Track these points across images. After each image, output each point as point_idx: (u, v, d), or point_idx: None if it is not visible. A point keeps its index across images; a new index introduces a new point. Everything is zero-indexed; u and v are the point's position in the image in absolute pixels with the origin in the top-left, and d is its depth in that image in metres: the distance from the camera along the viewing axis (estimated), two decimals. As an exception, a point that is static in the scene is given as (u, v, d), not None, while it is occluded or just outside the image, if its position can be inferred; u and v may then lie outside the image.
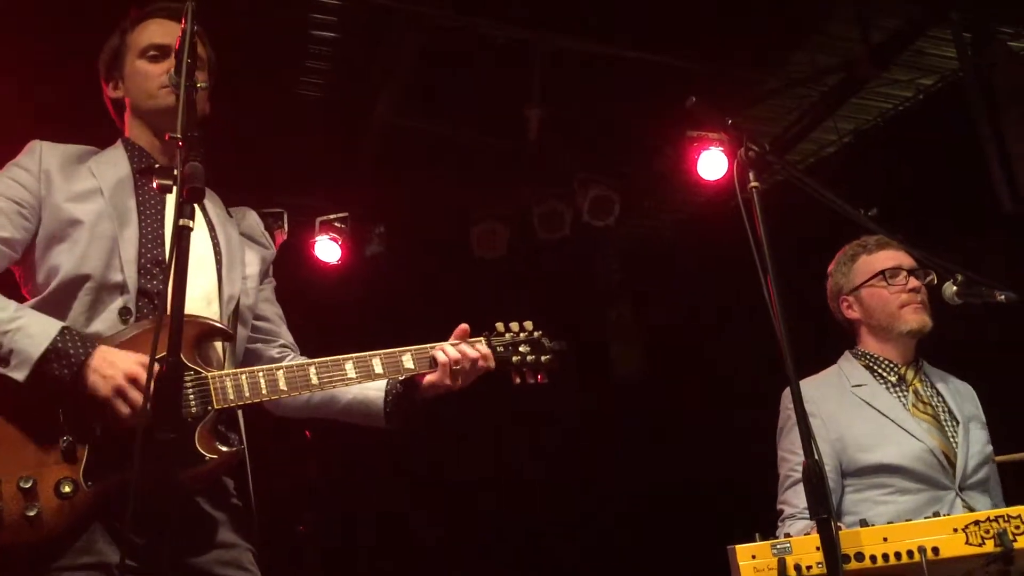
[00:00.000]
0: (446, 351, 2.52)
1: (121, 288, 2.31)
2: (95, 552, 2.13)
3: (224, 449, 2.26)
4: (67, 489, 2.11)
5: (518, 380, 2.66)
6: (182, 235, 1.77)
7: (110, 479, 2.14)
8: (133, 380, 2.14)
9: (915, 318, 3.17)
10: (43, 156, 2.43)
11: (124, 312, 2.30)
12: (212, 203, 2.64)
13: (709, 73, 5.55)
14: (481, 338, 2.63)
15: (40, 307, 2.30)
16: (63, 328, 2.19)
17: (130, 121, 2.59)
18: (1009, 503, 3.01)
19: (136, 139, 2.56)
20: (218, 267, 2.49)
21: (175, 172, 1.85)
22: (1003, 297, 2.84)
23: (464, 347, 2.54)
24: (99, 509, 2.15)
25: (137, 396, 2.13)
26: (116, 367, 2.15)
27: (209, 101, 2.66)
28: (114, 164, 2.49)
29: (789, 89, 5.93)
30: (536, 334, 2.69)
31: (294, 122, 5.70)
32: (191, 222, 1.80)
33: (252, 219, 2.76)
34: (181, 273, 1.78)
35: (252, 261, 2.63)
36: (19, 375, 2.14)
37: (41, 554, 2.11)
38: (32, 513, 2.08)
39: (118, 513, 2.12)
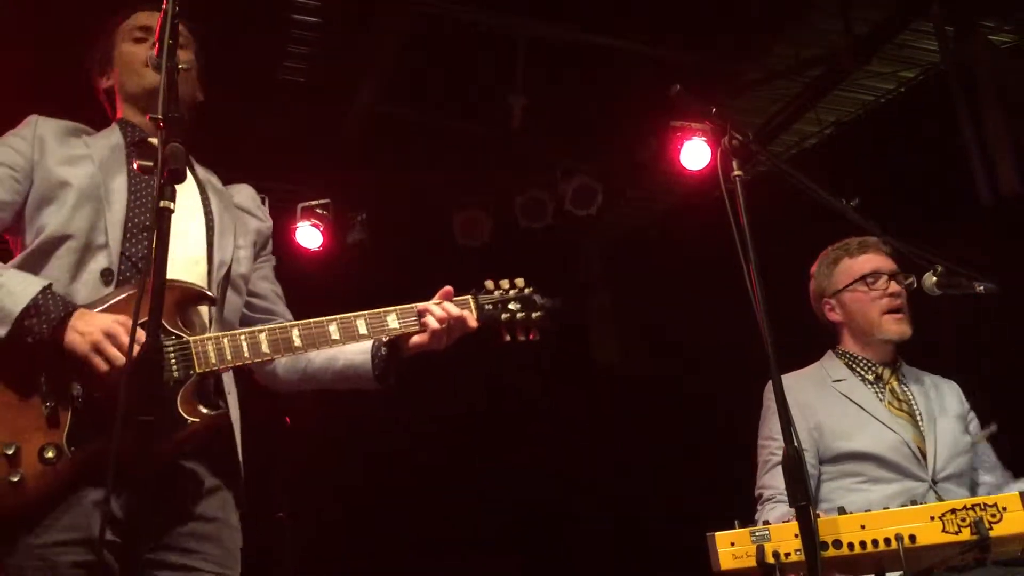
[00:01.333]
0: (432, 312, 2.51)
1: (104, 248, 2.32)
2: (82, 528, 2.13)
3: (206, 411, 2.25)
4: (50, 455, 2.11)
5: (508, 337, 2.63)
6: (162, 217, 1.76)
7: (93, 444, 2.14)
8: (111, 336, 2.13)
9: (895, 328, 3.24)
10: (38, 125, 2.47)
11: (106, 273, 2.30)
12: (206, 174, 2.66)
13: (692, 63, 5.56)
14: (468, 297, 2.61)
15: (22, 264, 2.32)
16: (45, 287, 2.20)
17: (121, 105, 2.62)
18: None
19: (129, 118, 2.59)
20: (209, 232, 2.49)
21: (156, 153, 1.83)
22: (982, 288, 2.87)
23: (448, 306, 2.53)
24: (83, 475, 2.14)
25: (115, 353, 2.12)
26: (94, 324, 2.16)
27: (203, 86, 2.70)
28: (107, 139, 2.53)
29: (771, 80, 5.94)
30: (527, 291, 2.67)
31: (275, 107, 5.66)
32: (172, 204, 1.80)
33: (247, 192, 2.78)
34: (162, 253, 1.76)
35: (246, 231, 2.63)
36: (0, 331, 2.14)
37: (27, 525, 2.11)
38: (15, 479, 2.08)
39: (100, 482, 2.11)
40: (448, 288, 2.59)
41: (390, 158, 6.23)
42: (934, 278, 2.97)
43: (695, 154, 5.82)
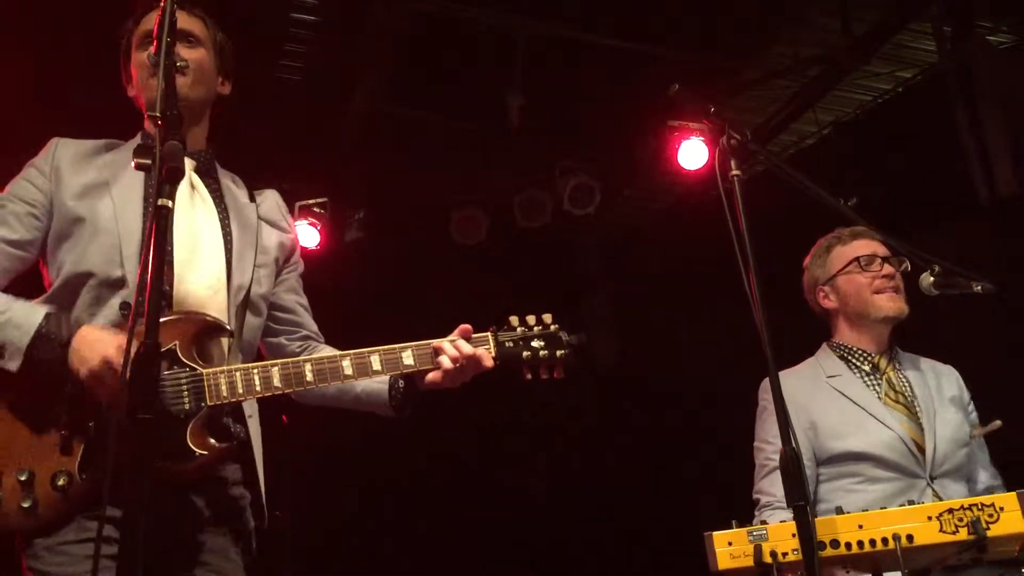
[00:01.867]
0: (446, 351, 2.46)
1: (121, 283, 2.34)
2: (85, 530, 2.19)
3: (216, 444, 2.27)
4: (62, 482, 2.17)
5: (529, 376, 2.57)
6: (160, 215, 1.75)
7: (104, 470, 2.17)
8: (108, 363, 2.15)
9: (890, 305, 3.21)
10: (56, 153, 2.47)
11: (124, 307, 2.33)
12: (235, 186, 2.64)
13: (691, 63, 5.56)
14: (487, 334, 2.55)
15: (49, 302, 2.36)
16: (47, 313, 2.25)
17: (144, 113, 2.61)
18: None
19: (149, 129, 2.57)
20: (228, 255, 2.48)
21: (154, 151, 1.83)
22: (979, 288, 2.86)
23: (462, 344, 2.47)
24: (93, 499, 2.19)
25: (113, 379, 2.14)
26: (94, 350, 2.18)
27: (227, 80, 2.68)
28: (127, 156, 2.49)
29: (770, 80, 5.94)
30: (552, 328, 2.59)
31: (273, 105, 5.65)
32: (170, 202, 1.79)
33: (272, 201, 2.73)
34: (159, 253, 1.77)
35: (270, 247, 2.61)
36: (12, 365, 2.20)
37: (42, 535, 2.20)
38: (27, 504, 2.16)
39: (115, 502, 2.11)
40: (466, 326, 2.52)
41: (388, 157, 6.22)
42: (931, 278, 2.97)
43: (693, 153, 5.82)
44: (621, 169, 6.53)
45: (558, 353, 2.56)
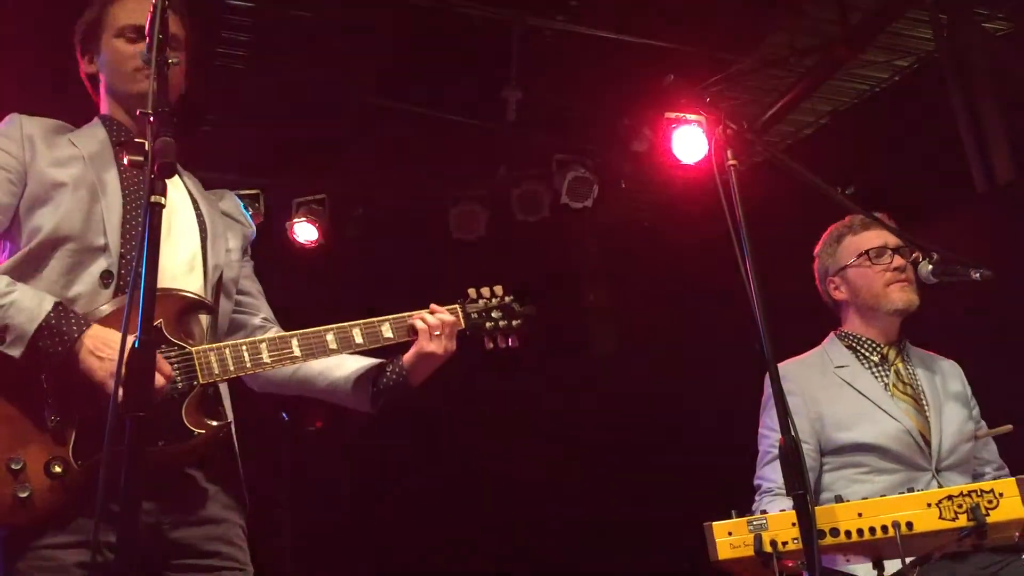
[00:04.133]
0: (424, 318, 2.59)
1: (104, 251, 2.29)
2: (83, 531, 2.12)
3: (212, 423, 2.26)
4: (58, 469, 2.10)
5: (491, 345, 2.72)
6: (153, 212, 1.75)
7: (99, 457, 2.11)
8: None
9: (901, 296, 3.19)
10: (24, 124, 2.41)
11: (106, 276, 2.28)
12: (191, 180, 2.64)
13: (687, 54, 5.55)
14: (456, 305, 2.70)
15: (17, 265, 2.28)
16: (56, 303, 2.18)
17: (106, 98, 2.57)
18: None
19: (113, 115, 2.55)
20: (202, 237, 2.49)
21: (146, 147, 1.82)
22: (978, 275, 2.86)
23: (438, 310, 2.62)
24: (91, 488, 2.11)
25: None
26: (113, 347, 2.13)
27: (186, 78, 2.63)
28: (93, 136, 2.48)
29: (766, 70, 5.93)
30: (507, 299, 2.75)
31: (271, 101, 5.65)
32: (163, 199, 1.78)
33: (231, 199, 2.77)
34: (153, 250, 1.75)
35: (233, 236, 2.63)
36: (15, 351, 2.13)
37: (37, 532, 2.11)
38: (24, 494, 2.07)
39: (112, 493, 2.11)
40: (433, 305, 2.67)
41: (386, 152, 6.22)
42: (930, 266, 2.97)
43: (690, 145, 5.81)
44: (619, 162, 6.53)
45: (514, 323, 2.73)
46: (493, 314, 2.71)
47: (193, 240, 2.47)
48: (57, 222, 2.28)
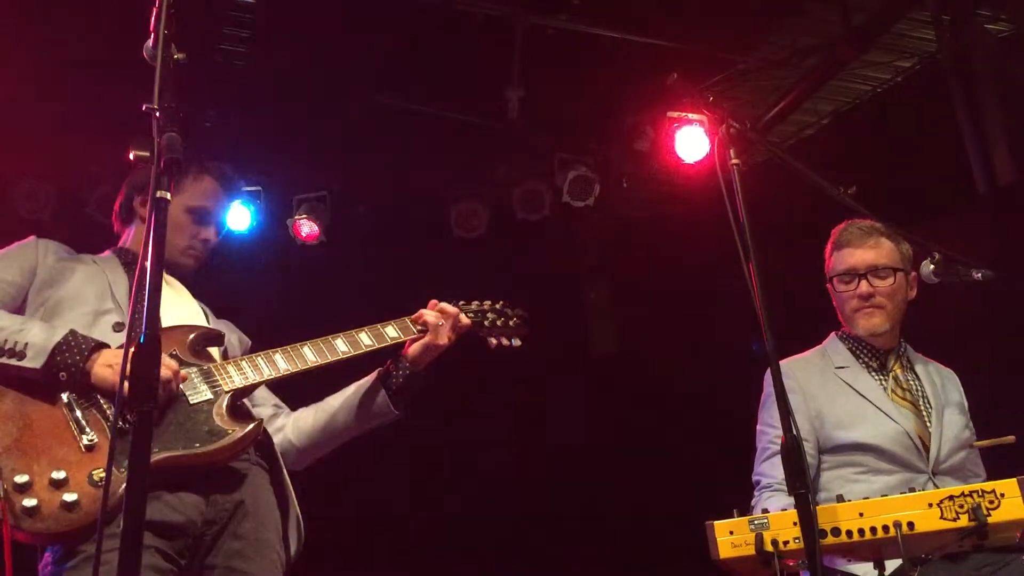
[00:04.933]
0: (425, 313, 2.78)
1: (115, 310, 2.50)
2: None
3: (246, 424, 2.37)
4: (101, 474, 2.18)
5: (494, 343, 2.86)
6: (159, 206, 1.76)
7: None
8: None
9: (865, 324, 3.23)
10: (39, 244, 2.62)
11: (117, 327, 2.44)
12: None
13: (689, 53, 5.54)
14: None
15: None
16: (71, 330, 2.33)
17: (134, 235, 2.76)
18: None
19: (129, 247, 2.76)
20: (205, 316, 2.72)
21: (152, 143, 1.83)
22: (980, 275, 2.87)
23: (442, 305, 2.79)
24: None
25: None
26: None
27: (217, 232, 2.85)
28: (106, 261, 2.69)
29: (768, 70, 5.93)
30: (498, 305, 2.93)
31: (271, 99, 5.64)
32: (168, 194, 1.80)
33: (236, 332, 2.89)
34: (159, 244, 1.77)
35: (234, 334, 2.81)
36: (36, 363, 2.24)
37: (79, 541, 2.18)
38: (72, 499, 2.13)
39: (164, 487, 2.25)
40: (433, 300, 2.83)
41: (387, 150, 6.22)
42: (931, 266, 2.97)
43: (692, 144, 5.81)
44: (620, 160, 6.52)
45: (511, 323, 2.91)
46: (488, 315, 2.87)
47: (197, 316, 2.68)
48: (67, 293, 2.48)
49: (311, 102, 5.81)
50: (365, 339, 2.62)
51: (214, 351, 2.56)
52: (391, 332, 2.68)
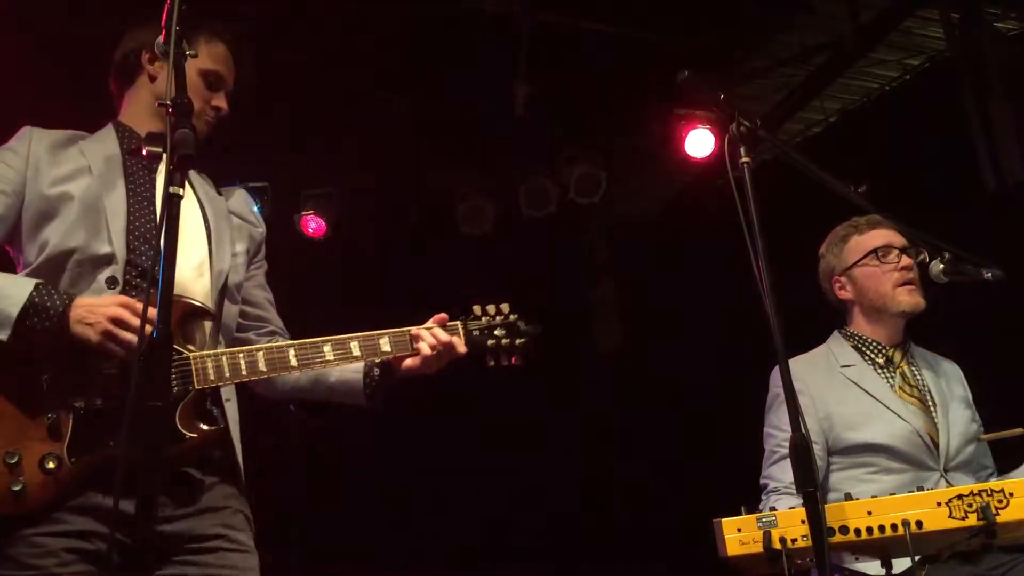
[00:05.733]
0: (424, 337, 2.56)
1: (109, 259, 2.33)
2: (70, 523, 2.16)
3: (204, 428, 2.28)
4: (51, 465, 2.13)
5: (492, 363, 2.70)
6: (172, 202, 1.76)
7: (94, 455, 2.16)
8: (119, 322, 2.15)
9: (907, 299, 3.19)
10: (33, 140, 2.45)
11: (111, 282, 2.31)
12: (200, 180, 2.66)
13: (696, 51, 5.54)
14: (458, 323, 2.66)
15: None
16: (37, 284, 2.21)
17: (131, 106, 2.60)
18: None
19: (128, 121, 2.58)
20: (208, 241, 2.50)
21: (165, 139, 1.83)
22: (989, 275, 2.86)
23: (438, 332, 2.58)
24: (82, 484, 2.16)
25: (127, 337, 2.14)
26: (98, 312, 2.17)
27: (229, 104, 2.69)
28: (103, 143, 2.51)
29: (776, 68, 5.92)
30: (512, 317, 2.72)
31: (275, 96, 5.64)
32: (181, 190, 1.80)
33: (241, 197, 2.77)
34: (171, 241, 1.76)
35: (240, 238, 2.64)
36: (2, 335, 2.15)
37: (28, 522, 2.14)
38: (17, 488, 2.10)
39: (102, 488, 2.16)
40: (442, 315, 2.64)
41: (393, 146, 6.22)
42: (941, 265, 2.96)
43: (700, 141, 5.81)
44: (627, 157, 6.52)
45: (517, 342, 2.70)
46: (496, 332, 2.68)
47: (201, 245, 2.49)
48: (63, 235, 2.32)
49: (317, 97, 5.82)
50: (355, 349, 2.50)
51: (205, 325, 2.43)
52: (385, 346, 2.54)
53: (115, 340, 2.15)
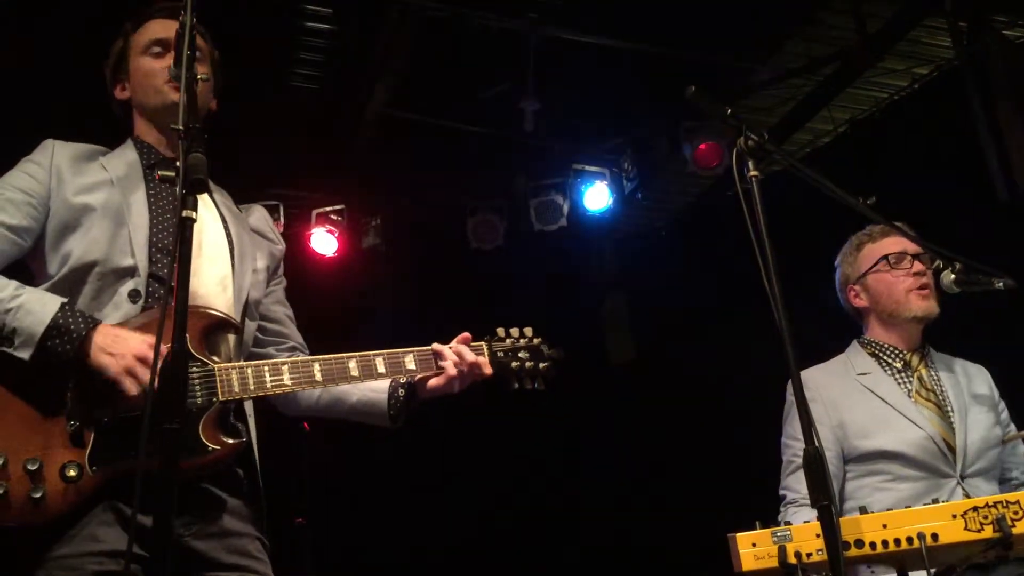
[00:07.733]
0: (449, 356, 2.54)
1: (132, 272, 2.33)
2: (106, 540, 2.14)
3: (228, 441, 2.27)
4: (72, 473, 2.12)
5: (516, 386, 2.69)
6: (185, 226, 1.77)
7: (115, 465, 2.15)
8: (143, 360, 2.14)
9: (921, 304, 3.17)
10: (55, 152, 2.46)
11: (134, 295, 2.31)
12: (221, 196, 2.66)
13: (704, 63, 5.55)
14: (482, 343, 2.65)
15: (50, 292, 2.30)
16: (63, 304, 2.20)
17: (137, 120, 2.61)
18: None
19: (144, 136, 2.58)
20: (231, 257, 2.51)
21: (177, 164, 1.84)
22: (1001, 284, 2.85)
23: (464, 351, 2.56)
24: (103, 494, 2.16)
25: (147, 376, 2.11)
26: (125, 345, 2.16)
27: (215, 97, 2.68)
28: (124, 158, 2.52)
29: (784, 79, 5.93)
30: (535, 341, 2.72)
31: (289, 114, 5.69)
32: (194, 213, 1.80)
33: (260, 214, 2.78)
34: (185, 263, 1.77)
35: (261, 256, 2.64)
36: (24, 354, 2.15)
37: (51, 536, 2.12)
38: (38, 495, 2.09)
39: (124, 498, 2.15)
40: (466, 334, 2.63)
41: (403, 163, 6.25)
42: (952, 275, 2.96)
43: (709, 154, 5.82)
44: (636, 171, 6.54)
45: (541, 365, 2.71)
46: (520, 354, 2.68)
47: (224, 260, 2.49)
48: (86, 247, 2.32)
49: (327, 115, 5.86)
50: (380, 366, 2.48)
51: (231, 339, 2.41)
52: (410, 364, 2.52)
53: (134, 377, 2.14)
